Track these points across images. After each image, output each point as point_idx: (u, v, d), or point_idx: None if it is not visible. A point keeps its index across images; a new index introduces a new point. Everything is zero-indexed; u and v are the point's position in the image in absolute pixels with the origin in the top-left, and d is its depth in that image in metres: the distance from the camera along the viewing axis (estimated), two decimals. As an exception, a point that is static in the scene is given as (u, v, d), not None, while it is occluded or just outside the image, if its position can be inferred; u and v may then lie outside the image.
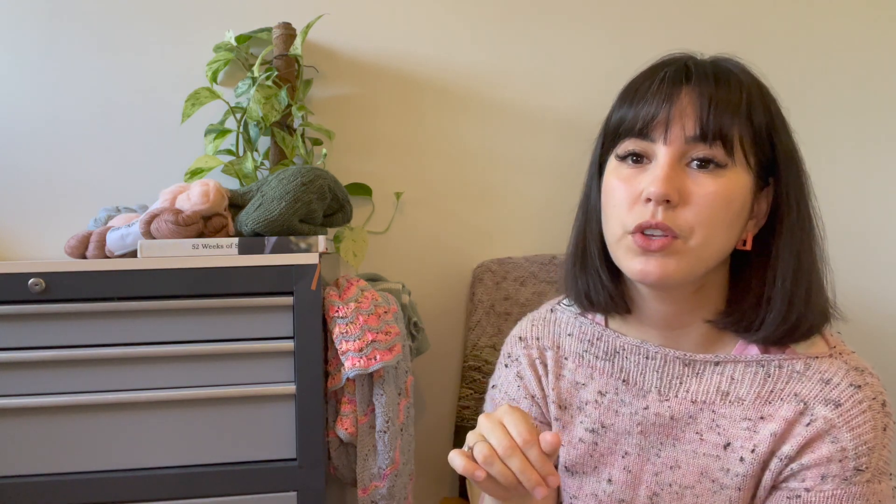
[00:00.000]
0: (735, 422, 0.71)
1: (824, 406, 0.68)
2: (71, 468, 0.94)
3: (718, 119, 0.66)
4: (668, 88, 0.68)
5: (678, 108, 0.67)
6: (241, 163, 1.19)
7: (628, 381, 0.77)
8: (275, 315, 0.96)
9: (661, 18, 1.36)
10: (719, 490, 0.71)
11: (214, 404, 0.96)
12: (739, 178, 0.67)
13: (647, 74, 0.72)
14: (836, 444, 0.67)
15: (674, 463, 0.74)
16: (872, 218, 1.39)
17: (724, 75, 0.69)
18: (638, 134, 0.69)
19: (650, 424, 0.75)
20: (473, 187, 1.35)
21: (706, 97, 0.67)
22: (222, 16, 1.29)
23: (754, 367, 0.72)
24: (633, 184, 0.69)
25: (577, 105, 1.35)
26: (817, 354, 0.71)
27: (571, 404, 0.80)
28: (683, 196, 0.66)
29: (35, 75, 1.26)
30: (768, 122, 0.69)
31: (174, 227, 0.95)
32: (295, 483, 0.96)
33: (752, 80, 0.70)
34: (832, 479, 0.66)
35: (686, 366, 0.74)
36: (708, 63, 0.71)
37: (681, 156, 0.67)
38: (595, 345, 0.80)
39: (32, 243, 1.27)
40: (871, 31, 1.39)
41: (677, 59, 0.72)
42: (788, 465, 0.69)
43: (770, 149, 0.69)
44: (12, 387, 0.92)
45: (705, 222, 0.66)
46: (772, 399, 0.70)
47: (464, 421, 1.26)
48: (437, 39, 1.33)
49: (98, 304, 0.93)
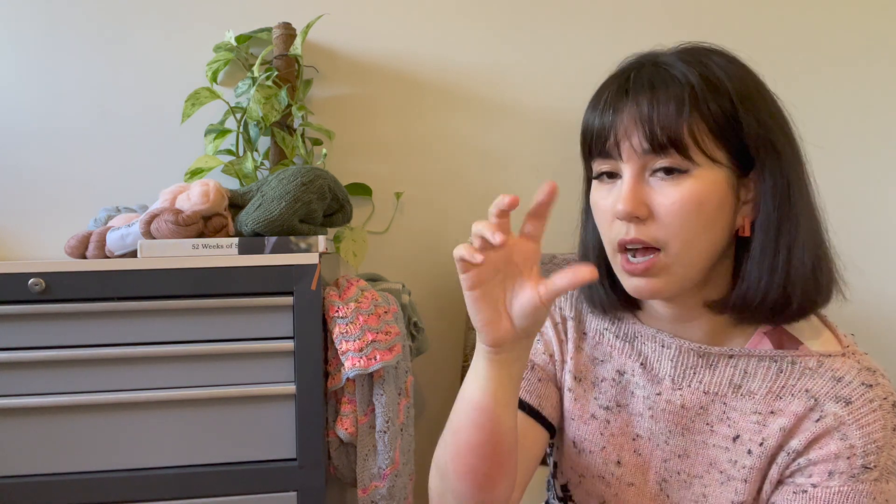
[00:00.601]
0: (745, 415, 0.71)
1: (835, 403, 0.68)
2: (71, 468, 0.94)
3: (662, 126, 0.65)
4: (613, 104, 0.69)
5: (622, 125, 0.68)
6: (241, 163, 1.19)
7: (646, 365, 0.77)
8: (275, 315, 0.96)
9: (662, 18, 1.36)
10: (727, 481, 0.72)
11: (214, 404, 0.96)
12: (707, 177, 0.66)
13: (603, 86, 0.73)
14: (844, 440, 0.67)
15: (682, 451, 0.75)
16: (873, 218, 1.40)
17: (662, 77, 0.67)
18: (599, 154, 0.70)
19: (661, 411, 0.75)
20: (473, 187, 1.35)
21: (644, 108, 0.66)
22: (222, 16, 1.29)
23: (767, 362, 0.72)
24: (608, 201, 0.70)
25: (577, 105, 1.34)
26: (830, 353, 0.71)
27: (587, 378, 0.81)
28: (651, 209, 0.67)
29: (35, 75, 1.26)
30: (727, 108, 0.66)
31: (174, 227, 0.95)
32: (295, 483, 0.96)
33: (703, 69, 0.67)
34: (839, 476, 0.67)
35: (700, 357, 0.74)
36: (651, 68, 0.69)
37: (641, 169, 0.67)
38: (616, 324, 0.80)
39: (32, 243, 1.27)
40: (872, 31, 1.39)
41: (626, 70, 0.71)
42: (795, 460, 0.69)
43: (738, 136, 0.67)
44: (12, 387, 0.92)
45: (678, 232, 0.66)
46: (783, 394, 0.70)
47: (464, 421, 1.25)
48: (437, 39, 1.33)
49: (98, 304, 0.93)
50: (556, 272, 0.61)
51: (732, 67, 0.69)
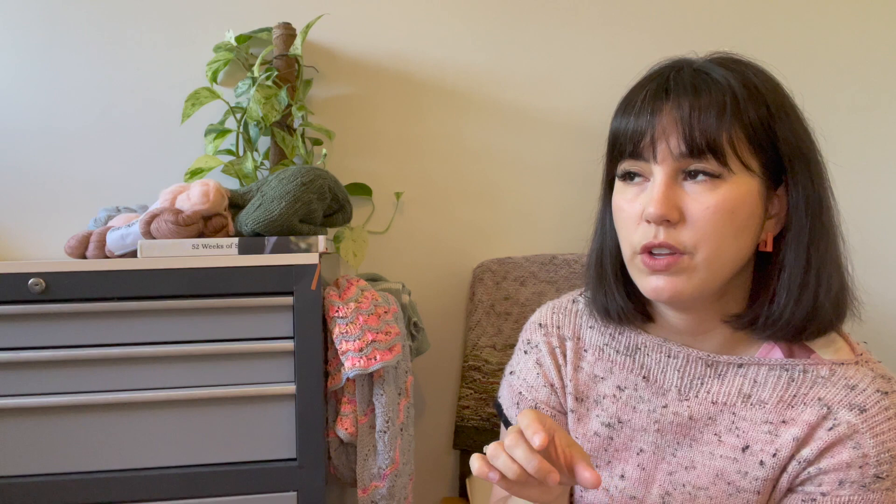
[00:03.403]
0: (756, 424, 0.70)
1: (848, 411, 0.67)
2: (71, 468, 0.94)
3: (702, 130, 0.64)
4: (651, 105, 0.67)
5: (661, 126, 0.66)
6: (241, 163, 1.19)
7: (648, 377, 0.76)
8: (275, 315, 0.96)
9: (663, 19, 1.36)
10: (735, 493, 0.71)
11: (214, 404, 0.96)
12: (741, 185, 0.65)
13: (637, 88, 0.71)
14: (857, 449, 0.65)
15: (689, 463, 0.73)
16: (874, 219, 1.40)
17: (704, 81, 0.67)
18: (631, 155, 0.69)
19: (668, 423, 0.74)
20: (473, 187, 1.35)
21: (686, 110, 0.65)
22: (222, 16, 1.29)
23: (778, 371, 0.70)
24: (635, 204, 0.69)
25: (577, 105, 1.35)
26: (843, 361, 0.70)
27: (588, 397, 0.80)
28: (683, 213, 0.65)
29: (35, 75, 1.26)
30: (764, 117, 0.66)
31: (174, 227, 0.95)
32: (295, 483, 0.96)
33: (742, 77, 0.67)
34: (850, 485, 0.65)
35: (709, 366, 0.73)
36: (691, 71, 0.69)
37: (675, 172, 0.66)
38: (616, 339, 0.79)
39: (32, 243, 1.27)
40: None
41: (663, 71, 0.70)
42: (806, 469, 0.68)
43: (773, 146, 0.66)
44: (12, 387, 0.92)
45: (709, 237, 0.65)
46: (795, 403, 0.69)
47: (464, 421, 1.26)
48: (437, 39, 1.33)
49: (98, 304, 0.93)
50: (579, 467, 0.60)
51: (765, 77, 0.69)
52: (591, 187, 0.82)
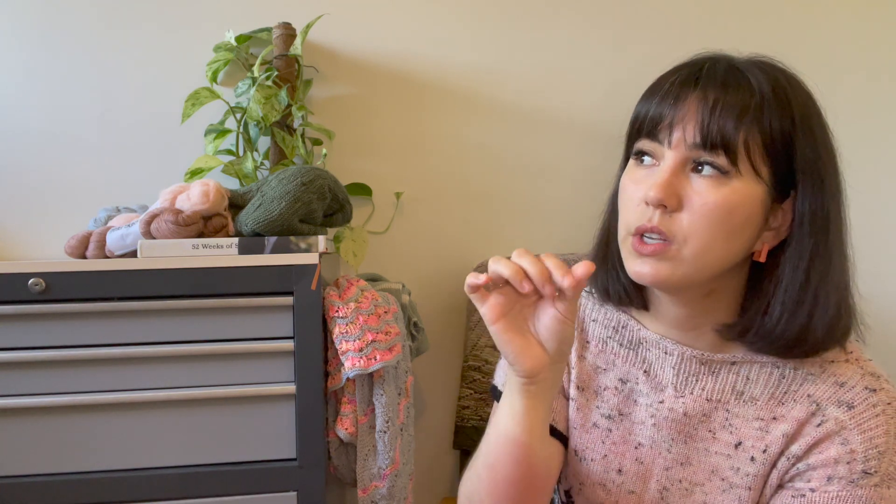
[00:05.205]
0: (748, 421, 0.71)
1: (837, 407, 0.67)
2: (71, 468, 0.94)
3: (721, 126, 0.64)
4: (678, 91, 0.67)
5: (682, 112, 0.66)
6: (241, 163, 1.19)
7: (649, 372, 0.77)
8: (275, 315, 0.96)
9: (663, 19, 1.36)
10: (728, 489, 0.72)
11: (214, 404, 0.96)
12: (746, 189, 0.65)
13: (671, 73, 0.71)
14: (845, 445, 0.66)
15: (684, 459, 0.74)
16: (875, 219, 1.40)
17: (736, 79, 0.66)
18: (647, 134, 0.69)
19: (663, 419, 0.75)
20: (474, 187, 1.35)
21: (710, 102, 0.65)
22: (222, 16, 1.29)
23: (769, 368, 0.71)
24: (640, 186, 0.68)
25: (577, 105, 1.35)
26: (833, 359, 0.70)
27: (589, 387, 0.80)
28: (682, 202, 0.65)
29: (35, 75, 1.26)
30: (787, 128, 0.65)
31: (174, 227, 0.95)
32: (295, 483, 0.96)
33: (775, 83, 0.66)
34: (838, 481, 0.66)
35: (703, 364, 0.73)
36: (726, 66, 0.68)
37: (685, 161, 0.66)
38: (619, 332, 0.80)
39: (32, 243, 1.27)
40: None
41: (699, 61, 0.70)
42: (795, 465, 0.69)
43: (787, 159, 0.66)
44: (12, 387, 0.92)
45: (700, 232, 0.65)
46: (785, 400, 0.70)
47: (464, 421, 1.26)
48: (437, 39, 1.33)
49: (98, 304, 0.93)
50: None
51: (799, 89, 0.69)
52: (592, 187, 0.83)
